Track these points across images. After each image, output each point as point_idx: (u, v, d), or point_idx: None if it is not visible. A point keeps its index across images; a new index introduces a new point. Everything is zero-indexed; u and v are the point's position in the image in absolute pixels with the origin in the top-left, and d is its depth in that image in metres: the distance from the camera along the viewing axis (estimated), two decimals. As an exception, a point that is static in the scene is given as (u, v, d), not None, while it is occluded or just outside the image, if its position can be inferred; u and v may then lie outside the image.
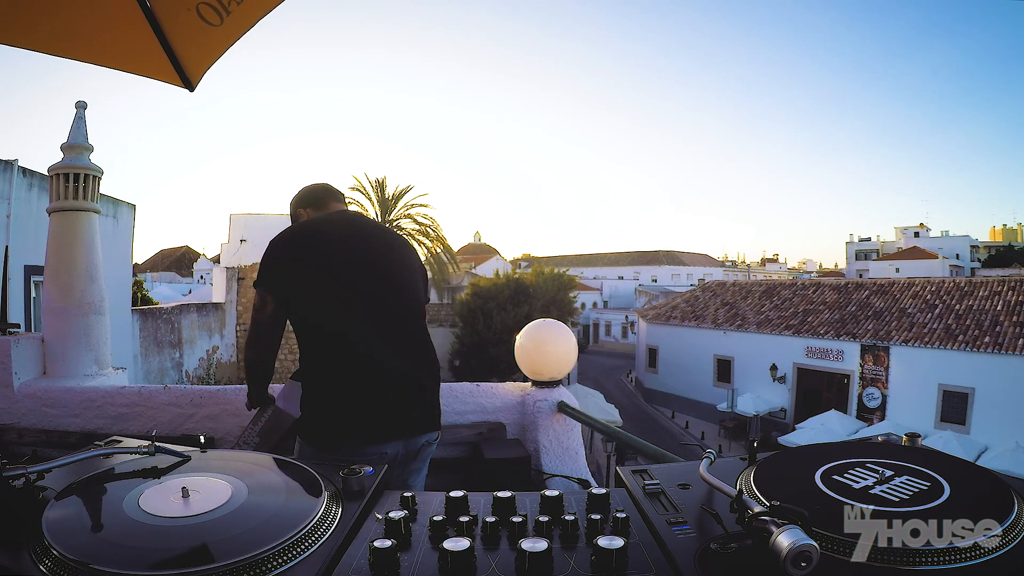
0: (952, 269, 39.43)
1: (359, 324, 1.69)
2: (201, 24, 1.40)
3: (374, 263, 1.76)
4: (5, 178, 8.13)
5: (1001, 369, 14.40)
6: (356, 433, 1.61)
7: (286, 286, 1.68)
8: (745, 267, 60.56)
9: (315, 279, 1.68)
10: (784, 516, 0.63)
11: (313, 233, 1.80)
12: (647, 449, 1.65)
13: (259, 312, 1.71)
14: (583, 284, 40.46)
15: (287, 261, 1.70)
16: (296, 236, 1.79)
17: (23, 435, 2.55)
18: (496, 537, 0.76)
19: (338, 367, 1.64)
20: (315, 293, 1.67)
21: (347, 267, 1.71)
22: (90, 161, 2.84)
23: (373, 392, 1.64)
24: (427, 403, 1.76)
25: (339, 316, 1.68)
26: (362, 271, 1.72)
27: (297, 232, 1.81)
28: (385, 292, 1.75)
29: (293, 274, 1.68)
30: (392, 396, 1.66)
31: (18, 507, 0.78)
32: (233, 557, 0.67)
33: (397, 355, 1.72)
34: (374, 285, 1.73)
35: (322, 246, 1.74)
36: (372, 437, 1.61)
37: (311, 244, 1.74)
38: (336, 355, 1.65)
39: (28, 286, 8.02)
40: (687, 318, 23.72)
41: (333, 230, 1.80)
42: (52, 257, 2.84)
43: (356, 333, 1.68)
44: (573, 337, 2.75)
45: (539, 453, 2.54)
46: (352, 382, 1.63)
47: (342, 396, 1.63)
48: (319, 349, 1.68)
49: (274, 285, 1.68)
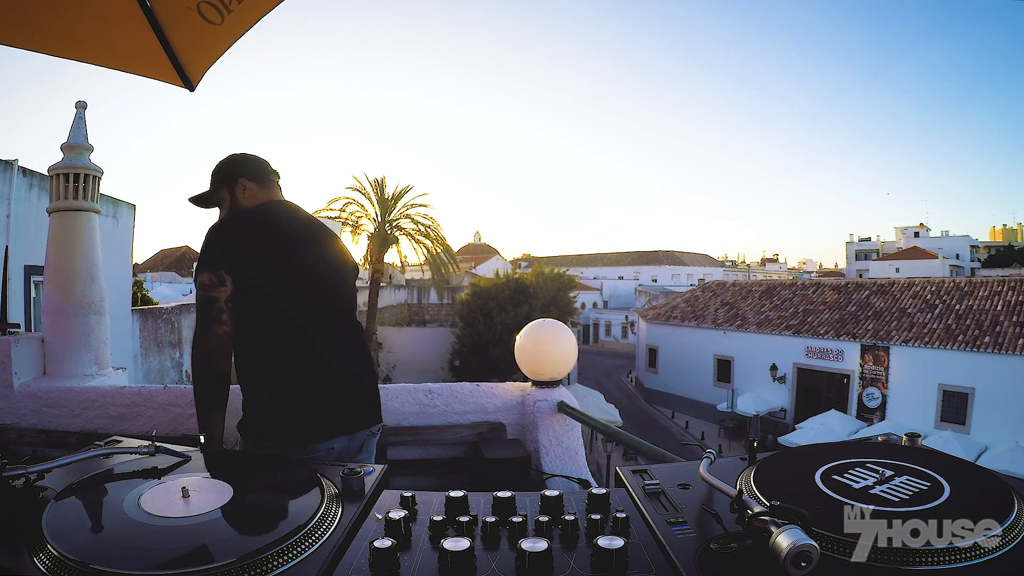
0: (952, 269, 39.42)
1: (319, 318, 1.67)
2: (201, 23, 1.40)
3: (327, 257, 1.75)
4: (5, 178, 8.13)
5: (1001, 369, 14.39)
6: (309, 431, 1.57)
7: (254, 269, 1.55)
8: (745, 267, 60.58)
9: (282, 266, 1.60)
10: (784, 516, 0.63)
11: (278, 215, 1.71)
12: (647, 449, 1.65)
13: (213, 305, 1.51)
14: (583, 284, 40.46)
15: (257, 242, 1.59)
16: (264, 216, 1.68)
17: (23, 435, 2.55)
18: (496, 537, 0.76)
19: (296, 363, 1.60)
20: (282, 281, 1.60)
21: (310, 258, 1.68)
22: (90, 161, 2.84)
23: (329, 388, 1.63)
24: (369, 399, 1.77)
25: (303, 308, 1.63)
26: (320, 264, 1.72)
27: (263, 212, 1.70)
28: (336, 287, 1.76)
29: (263, 257, 1.58)
30: (342, 392, 1.67)
31: (18, 507, 0.78)
32: (233, 557, 0.67)
33: (345, 350, 1.73)
34: (329, 279, 1.74)
35: (288, 231, 1.67)
36: (322, 434, 1.59)
37: (278, 227, 1.66)
38: (294, 350, 1.60)
39: (28, 286, 8.02)
40: (687, 318, 23.71)
41: (293, 216, 1.74)
42: (52, 257, 2.84)
43: (316, 327, 1.65)
44: (573, 337, 2.75)
45: (539, 453, 2.54)
46: (309, 379, 1.60)
47: (299, 394, 1.58)
48: (274, 343, 1.59)
49: (243, 266, 1.54)
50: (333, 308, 1.73)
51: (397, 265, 23.84)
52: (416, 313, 30.49)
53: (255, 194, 1.75)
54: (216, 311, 1.51)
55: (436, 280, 22.98)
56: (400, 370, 24.10)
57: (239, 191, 1.74)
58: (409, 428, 2.62)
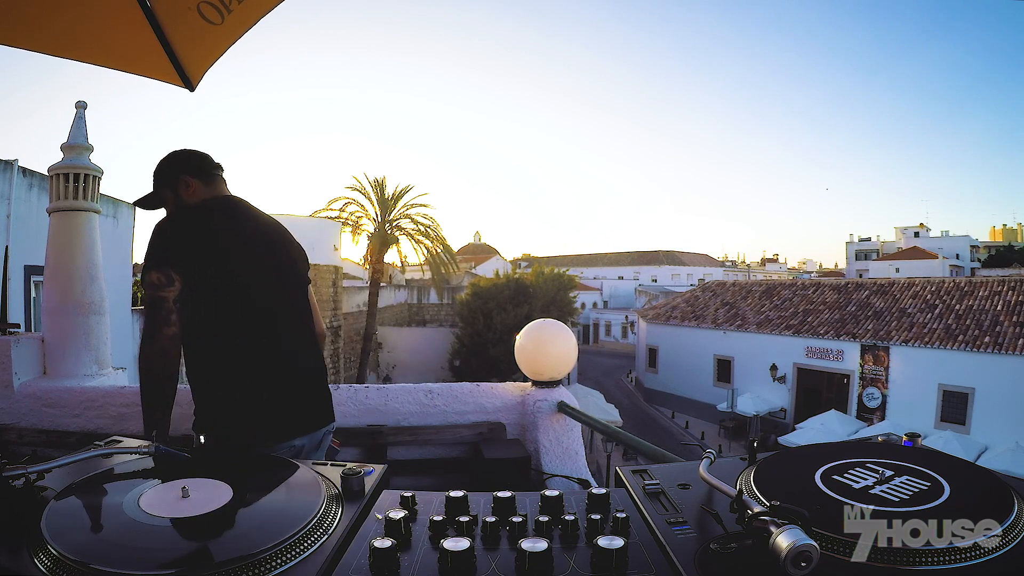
0: (952, 269, 39.42)
1: (280, 317, 1.66)
2: (201, 23, 1.40)
3: (283, 253, 1.74)
4: (5, 178, 8.13)
5: (1001, 369, 14.39)
6: (276, 430, 1.56)
7: (209, 267, 1.52)
8: (745, 267, 60.59)
9: (239, 264, 1.58)
10: (784, 516, 0.63)
11: (229, 211, 1.67)
12: (647, 449, 1.65)
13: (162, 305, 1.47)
14: (583, 284, 40.46)
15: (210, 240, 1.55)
16: (211, 212, 1.63)
17: (23, 435, 2.55)
18: (496, 537, 0.76)
19: (263, 363, 1.59)
20: (243, 279, 1.58)
21: (267, 255, 1.68)
22: (90, 161, 2.84)
23: (295, 387, 1.64)
24: (327, 395, 1.78)
25: (266, 307, 1.62)
26: (278, 261, 1.71)
27: (212, 208, 1.65)
28: (293, 284, 1.76)
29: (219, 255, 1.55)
30: (307, 390, 1.68)
31: (18, 507, 0.78)
32: (233, 557, 0.67)
33: (306, 348, 1.74)
34: (287, 276, 1.73)
35: (242, 228, 1.65)
36: (289, 432, 1.59)
37: (232, 223, 1.64)
38: (260, 350, 1.58)
39: (28, 286, 8.01)
40: (687, 318, 23.71)
41: (244, 212, 1.71)
42: (52, 257, 2.83)
43: (279, 326, 1.65)
44: (573, 337, 2.75)
45: (539, 453, 2.54)
46: (277, 378, 1.60)
47: (268, 393, 1.58)
48: (239, 343, 1.57)
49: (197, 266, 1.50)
50: (293, 306, 1.73)
51: (397, 265, 23.85)
52: (416, 313, 30.49)
53: (199, 191, 1.68)
54: (166, 311, 1.47)
55: (436, 280, 22.97)
56: (400, 370, 24.11)
57: (182, 189, 1.68)
58: (409, 428, 2.62)
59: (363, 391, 2.68)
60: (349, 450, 2.46)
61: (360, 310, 22.23)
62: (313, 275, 1.94)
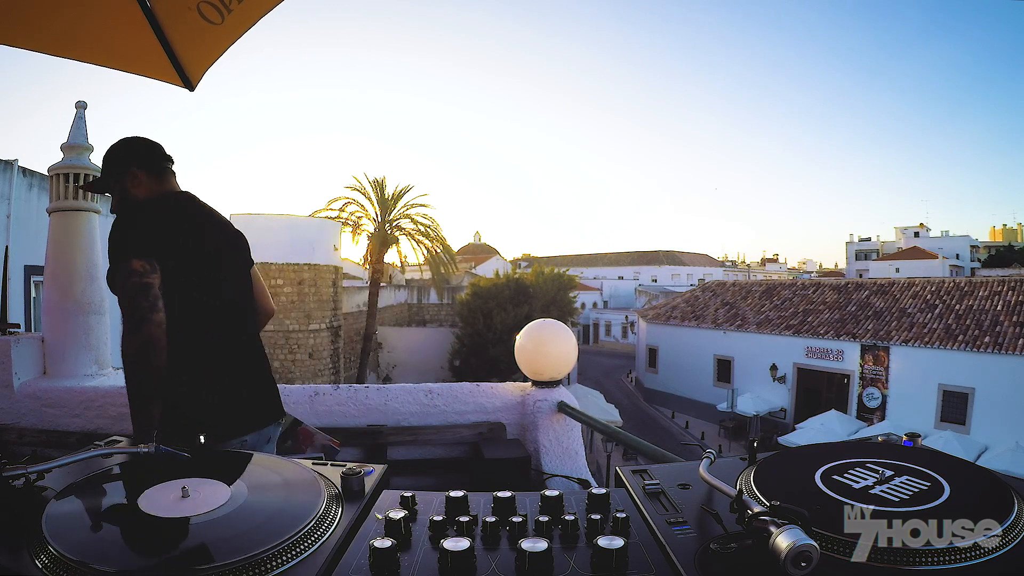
0: (952, 269, 39.43)
1: (237, 313, 1.67)
2: (201, 23, 1.40)
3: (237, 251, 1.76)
4: (5, 178, 8.13)
5: (1001, 369, 14.40)
6: (230, 426, 1.55)
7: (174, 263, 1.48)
8: (745, 267, 60.60)
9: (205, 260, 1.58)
10: (784, 516, 0.63)
11: (186, 207, 1.64)
12: (647, 449, 1.65)
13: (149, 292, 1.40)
14: (583, 284, 40.47)
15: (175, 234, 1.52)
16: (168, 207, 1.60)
17: (23, 435, 2.55)
18: (496, 537, 0.76)
19: (222, 359, 1.58)
20: (206, 276, 1.57)
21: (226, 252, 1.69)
22: (90, 161, 2.84)
23: (251, 383, 1.65)
24: (276, 392, 1.79)
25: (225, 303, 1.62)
26: (234, 258, 1.73)
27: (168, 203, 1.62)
28: (246, 282, 1.78)
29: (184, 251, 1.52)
30: (262, 386, 1.69)
31: (18, 507, 0.78)
32: (233, 557, 0.67)
33: (258, 346, 1.76)
34: (242, 274, 1.76)
35: (200, 224, 1.64)
36: (244, 428, 1.59)
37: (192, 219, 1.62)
38: (219, 347, 1.58)
39: (28, 286, 8.02)
40: (687, 318, 23.71)
41: (200, 209, 1.69)
42: (52, 257, 2.83)
43: (237, 322, 1.66)
44: (573, 337, 2.75)
45: (539, 453, 2.54)
46: (235, 374, 1.61)
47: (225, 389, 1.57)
48: (199, 339, 1.54)
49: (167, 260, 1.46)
50: (247, 302, 1.76)
51: (397, 265, 23.84)
52: (416, 313, 30.49)
53: (146, 185, 1.62)
54: (153, 297, 1.40)
55: (436, 280, 22.99)
56: (400, 370, 24.10)
57: (128, 181, 1.62)
58: (409, 428, 2.62)
59: (363, 391, 2.68)
60: (349, 450, 2.46)
61: (360, 310, 22.23)
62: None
